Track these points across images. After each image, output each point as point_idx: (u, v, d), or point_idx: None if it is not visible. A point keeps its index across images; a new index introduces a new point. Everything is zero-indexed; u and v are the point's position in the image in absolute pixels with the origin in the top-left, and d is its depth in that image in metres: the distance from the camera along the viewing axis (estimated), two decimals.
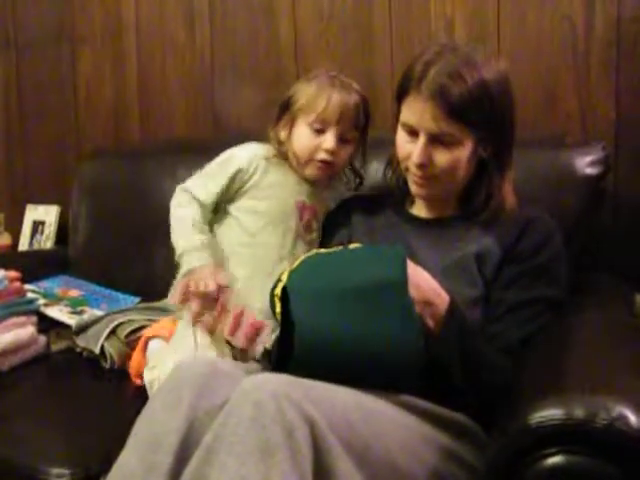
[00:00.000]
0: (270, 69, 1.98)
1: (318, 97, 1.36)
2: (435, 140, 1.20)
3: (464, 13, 1.76)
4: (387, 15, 1.84)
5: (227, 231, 1.41)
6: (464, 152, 1.21)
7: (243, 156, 1.41)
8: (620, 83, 1.65)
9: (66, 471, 1.15)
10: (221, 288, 1.30)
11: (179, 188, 1.43)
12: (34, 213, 2.27)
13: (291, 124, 1.40)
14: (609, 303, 1.33)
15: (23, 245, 2.26)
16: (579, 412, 0.85)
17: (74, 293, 1.78)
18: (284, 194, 1.41)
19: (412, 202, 1.37)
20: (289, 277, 1.10)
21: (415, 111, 1.21)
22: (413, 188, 1.28)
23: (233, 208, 1.42)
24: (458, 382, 1.11)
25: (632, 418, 0.84)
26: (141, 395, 1.10)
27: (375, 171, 1.57)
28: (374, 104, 1.85)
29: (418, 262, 1.17)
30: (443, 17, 1.78)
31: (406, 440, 1.01)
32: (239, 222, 1.40)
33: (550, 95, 1.70)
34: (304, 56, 1.93)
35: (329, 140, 1.36)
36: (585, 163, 1.46)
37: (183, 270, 1.34)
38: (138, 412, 1.05)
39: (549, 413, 0.86)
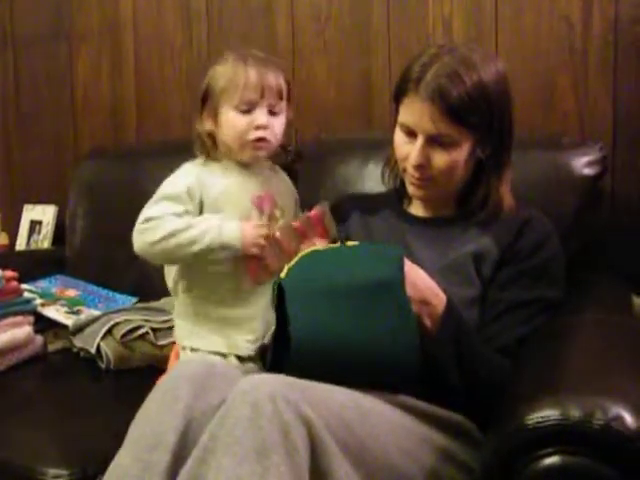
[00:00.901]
0: None
1: (235, 77, 1.32)
2: (433, 141, 1.20)
3: (461, 13, 1.76)
4: (385, 16, 1.84)
5: None
6: (462, 153, 1.21)
7: (183, 176, 1.36)
8: (618, 83, 1.65)
9: (63, 471, 1.15)
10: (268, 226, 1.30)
11: (138, 225, 1.32)
12: (31, 213, 2.27)
13: (215, 113, 1.35)
14: (607, 303, 1.33)
15: (20, 245, 2.26)
16: (576, 413, 0.85)
17: (71, 293, 1.78)
18: (236, 197, 1.35)
19: (410, 202, 1.36)
20: (285, 275, 1.10)
21: (413, 112, 1.20)
22: (410, 189, 1.28)
23: None
24: (455, 382, 1.11)
25: (628, 419, 0.84)
26: (138, 395, 1.10)
27: (372, 171, 1.58)
28: (372, 105, 1.87)
29: (415, 261, 1.17)
30: (440, 18, 1.78)
31: (403, 440, 1.01)
32: None
33: (547, 95, 1.70)
34: (302, 56, 1.93)
35: (259, 116, 1.32)
36: (582, 163, 1.46)
37: (236, 247, 1.28)
38: (135, 412, 1.05)
39: (546, 413, 0.86)
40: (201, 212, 1.34)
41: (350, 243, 1.15)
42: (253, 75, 1.32)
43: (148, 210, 1.33)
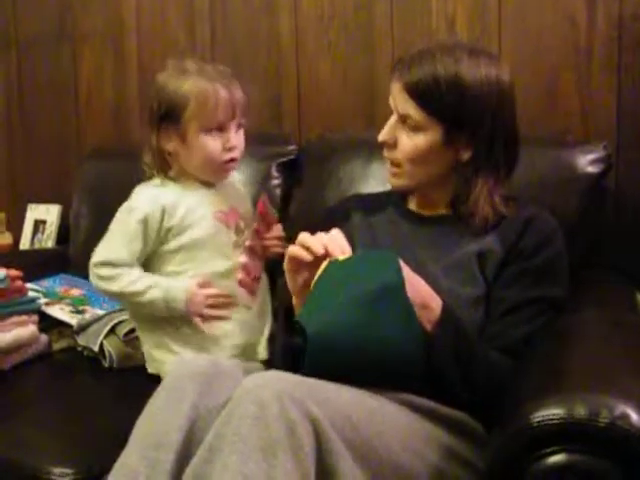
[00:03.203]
0: (271, 68, 1.97)
1: (205, 101, 1.29)
2: (403, 123, 1.22)
3: (465, 12, 1.76)
4: (388, 14, 1.84)
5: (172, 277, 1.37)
6: (425, 141, 1.21)
7: (142, 202, 1.36)
8: (622, 81, 1.65)
9: (69, 470, 1.15)
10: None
11: (93, 264, 1.37)
12: (35, 212, 2.27)
13: (182, 134, 1.32)
14: (611, 301, 1.33)
15: (24, 244, 2.26)
16: (581, 411, 0.85)
17: (75, 292, 1.78)
18: (199, 215, 1.35)
19: (413, 200, 1.36)
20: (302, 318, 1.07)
21: (391, 92, 1.24)
22: (387, 177, 1.30)
23: (166, 252, 1.37)
24: (455, 383, 1.10)
25: (634, 417, 0.84)
26: (143, 393, 1.10)
27: (376, 170, 1.58)
28: (375, 104, 1.87)
29: (418, 260, 1.17)
30: (444, 16, 1.78)
31: (408, 439, 1.01)
32: (178, 267, 1.36)
33: (552, 93, 1.70)
34: (305, 55, 1.93)
35: (231, 137, 1.33)
36: (587, 162, 1.46)
37: (182, 310, 1.34)
38: (140, 410, 1.05)
39: (551, 412, 0.86)
40: (167, 236, 1.34)
41: (342, 257, 1.12)
42: (223, 96, 1.30)
43: (103, 252, 1.36)
